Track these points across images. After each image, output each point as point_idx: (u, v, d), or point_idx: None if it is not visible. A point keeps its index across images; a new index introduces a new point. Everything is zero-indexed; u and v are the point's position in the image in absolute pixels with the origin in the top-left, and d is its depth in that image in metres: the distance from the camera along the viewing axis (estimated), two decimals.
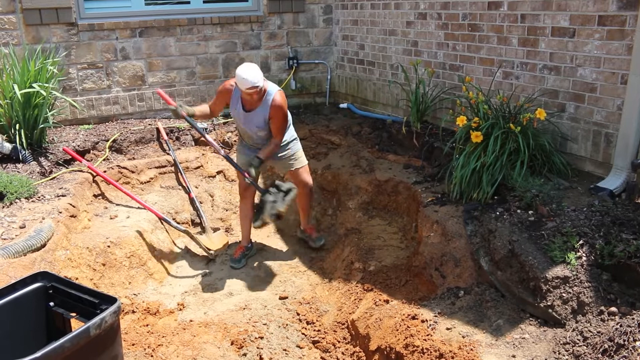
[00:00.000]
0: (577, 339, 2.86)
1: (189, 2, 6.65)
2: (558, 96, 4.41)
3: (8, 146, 5.13)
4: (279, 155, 4.72)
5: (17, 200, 4.40)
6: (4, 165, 5.07)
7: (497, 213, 3.86)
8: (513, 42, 4.73)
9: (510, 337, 3.05)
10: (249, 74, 4.18)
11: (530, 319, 3.16)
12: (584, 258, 3.16)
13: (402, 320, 3.42)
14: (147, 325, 3.87)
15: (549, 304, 3.08)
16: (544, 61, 4.48)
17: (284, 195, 4.54)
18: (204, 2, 6.70)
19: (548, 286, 3.10)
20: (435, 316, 3.38)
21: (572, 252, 3.20)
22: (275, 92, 4.44)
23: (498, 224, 3.70)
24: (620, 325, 2.74)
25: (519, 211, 3.78)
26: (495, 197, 4.10)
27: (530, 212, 3.73)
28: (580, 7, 4.11)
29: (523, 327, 3.11)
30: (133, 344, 3.55)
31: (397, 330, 3.36)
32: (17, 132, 5.13)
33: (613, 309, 2.91)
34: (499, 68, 4.89)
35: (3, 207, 4.30)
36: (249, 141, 4.73)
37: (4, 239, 3.79)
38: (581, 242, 3.25)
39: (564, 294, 3.05)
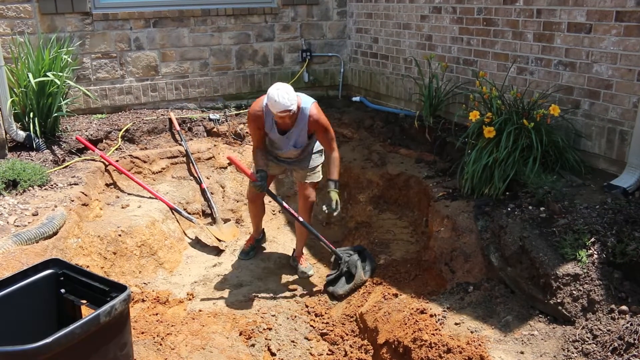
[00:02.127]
0: (587, 337, 2.84)
1: None
2: (573, 92, 4.37)
3: (22, 134, 5.18)
4: (310, 164, 4.47)
5: (30, 187, 4.44)
6: (17, 153, 5.11)
7: (509, 209, 3.84)
8: (528, 37, 4.68)
9: (519, 334, 3.04)
10: (282, 96, 3.84)
11: (540, 315, 3.14)
12: (596, 256, 3.13)
13: (411, 314, 3.42)
14: (156, 314, 3.89)
15: (558, 301, 3.06)
16: (559, 57, 4.43)
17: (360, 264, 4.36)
18: None
19: (558, 283, 3.08)
20: (444, 311, 3.38)
21: (583, 249, 3.18)
22: (309, 107, 4.14)
23: (509, 220, 3.68)
24: (631, 324, 2.72)
25: (530, 207, 3.76)
26: (507, 193, 4.07)
27: (541, 208, 3.70)
28: (597, 3, 4.06)
29: (532, 323, 3.10)
30: (142, 332, 3.58)
31: (406, 324, 3.36)
32: (31, 120, 5.17)
33: (624, 307, 2.89)
34: (513, 63, 4.85)
35: (16, 194, 4.34)
36: (282, 156, 4.48)
37: (17, 226, 3.82)
38: (593, 239, 3.23)
39: (574, 292, 3.03)
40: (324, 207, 4.31)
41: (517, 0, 4.73)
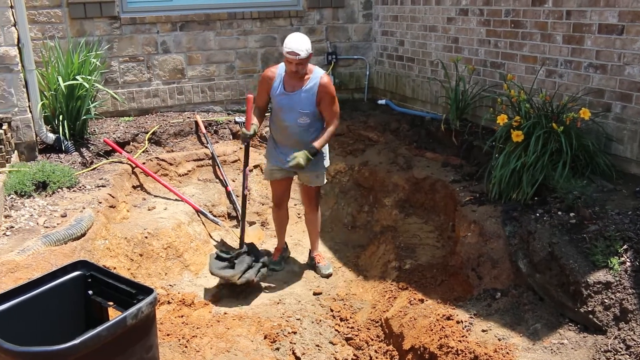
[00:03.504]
0: (620, 347, 2.77)
1: None
2: (604, 95, 4.28)
3: (52, 136, 5.26)
4: (314, 166, 4.44)
5: (59, 189, 4.51)
6: (47, 155, 5.19)
7: (537, 214, 3.77)
8: (557, 39, 4.60)
9: (548, 342, 2.98)
10: (296, 40, 4.08)
11: (570, 324, 3.08)
12: (628, 263, 3.06)
13: (437, 320, 3.38)
14: (182, 316, 3.91)
15: (589, 309, 2.99)
16: (589, 59, 4.35)
17: (262, 265, 4.46)
18: None
19: (589, 291, 3.02)
20: (471, 317, 3.33)
21: (615, 256, 3.10)
22: (322, 74, 4.31)
23: (538, 226, 3.62)
24: None
25: (559, 213, 3.69)
26: (535, 198, 4.00)
27: (571, 214, 3.63)
28: (630, 3, 3.97)
29: (562, 332, 3.04)
30: (168, 334, 3.60)
31: (432, 330, 3.32)
32: (60, 123, 5.25)
33: None
34: (542, 66, 4.77)
35: (46, 195, 4.41)
36: (284, 137, 4.46)
37: (46, 227, 3.88)
38: (625, 246, 3.15)
39: (605, 300, 2.96)
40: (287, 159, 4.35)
41: (546, 1, 4.66)
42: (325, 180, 4.68)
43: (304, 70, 4.22)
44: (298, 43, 4.06)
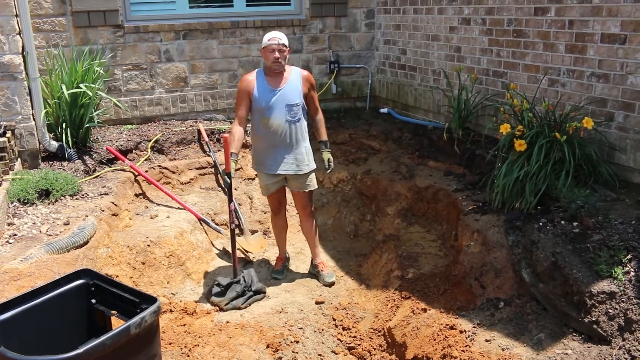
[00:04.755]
0: (624, 358, 2.76)
1: (232, 5, 6.71)
2: (606, 105, 4.29)
3: (55, 144, 5.27)
4: (303, 171, 4.49)
5: (62, 197, 4.51)
6: (50, 162, 5.20)
7: (540, 224, 3.76)
8: (560, 48, 4.62)
9: (552, 352, 2.97)
10: (273, 32, 4.38)
11: (574, 334, 3.06)
12: (632, 273, 3.05)
13: (440, 329, 3.36)
14: (184, 325, 3.91)
15: (593, 319, 2.98)
16: (592, 68, 4.36)
17: (252, 294, 4.43)
18: (246, 5, 6.76)
19: (593, 301, 3.01)
20: (474, 327, 3.32)
21: (619, 266, 3.09)
22: (299, 69, 4.54)
23: (541, 235, 3.61)
24: None
25: (563, 222, 3.68)
26: (539, 207, 4.00)
27: (574, 223, 3.62)
28: (633, 13, 3.98)
29: (566, 342, 3.02)
30: (170, 343, 3.59)
31: (435, 339, 3.31)
32: (63, 130, 5.27)
33: None
34: (544, 75, 4.78)
35: (49, 203, 4.41)
36: (273, 140, 4.39)
37: (49, 235, 3.88)
38: (629, 256, 3.14)
39: (610, 310, 2.95)
40: (325, 166, 4.66)
41: (549, 11, 4.67)
42: (316, 185, 4.72)
43: (285, 61, 4.36)
44: (278, 34, 4.34)
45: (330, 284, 4.67)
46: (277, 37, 4.29)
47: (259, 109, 4.38)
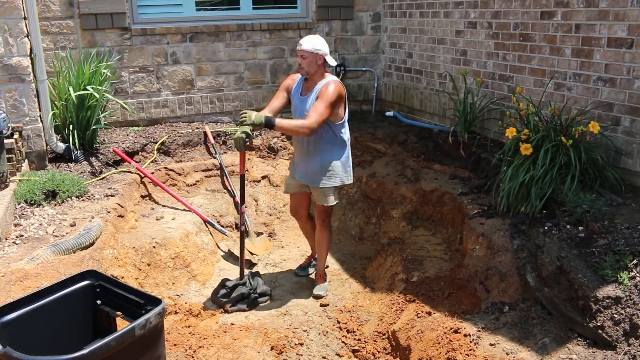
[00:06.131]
0: None
1: (238, 8, 6.74)
2: (613, 109, 4.28)
3: (62, 146, 5.30)
4: (315, 184, 4.35)
5: (68, 198, 4.54)
6: (57, 164, 5.23)
7: (546, 228, 3.76)
8: (566, 52, 4.61)
9: (556, 357, 2.96)
10: (307, 36, 4.17)
11: (579, 339, 3.05)
12: (638, 278, 3.04)
13: (445, 333, 3.36)
14: (189, 326, 3.92)
15: (598, 324, 2.97)
16: (598, 73, 4.35)
17: (257, 297, 4.41)
18: (253, 8, 6.78)
19: (598, 306, 3.00)
20: (479, 331, 3.31)
21: (625, 271, 3.08)
22: (332, 79, 4.19)
23: (546, 239, 3.60)
24: None
25: (568, 227, 3.67)
26: (544, 212, 3.99)
27: (580, 228, 3.62)
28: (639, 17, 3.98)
29: (570, 347, 3.01)
30: (175, 345, 3.60)
31: (439, 343, 3.30)
32: (70, 132, 5.29)
33: None
34: (550, 79, 4.78)
35: (55, 205, 4.44)
36: (297, 144, 4.43)
37: (56, 236, 3.90)
38: (635, 261, 3.13)
39: (615, 315, 2.94)
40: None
41: (555, 15, 4.67)
42: (335, 202, 4.44)
43: (309, 68, 4.13)
44: (307, 39, 4.13)
45: (316, 297, 4.56)
46: (301, 42, 4.12)
47: (292, 110, 4.42)
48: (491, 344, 3.16)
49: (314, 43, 4.09)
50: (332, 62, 4.23)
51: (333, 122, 4.24)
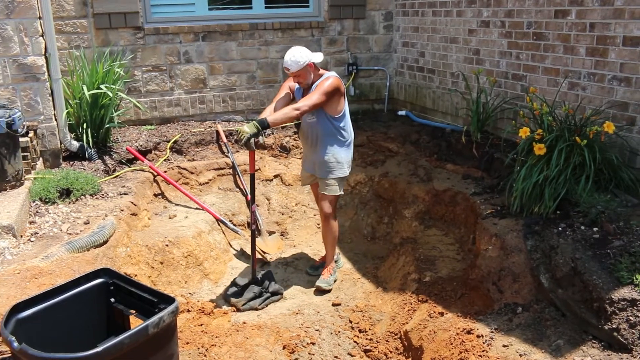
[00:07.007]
0: None
1: (251, 7, 6.75)
2: (628, 108, 4.24)
3: (76, 144, 5.34)
4: (320, 175, 4.56)
5: (82, 196, 4.57)
6: (71, 162, 5.27)
7: (560, 229, 3.73)
8: (580, 51, 4.57)
9: (570, 359, 2.94)
10: (288, 54, 4.23)
11: (593, 341, 3.03)
12: None
13: (457, 334, 3.35)
14: (201, 324, 3.93)
15: (614, 327, 2.94)
16: (613, 72, 4.31)
17: (269, 296, 4.44)
18: (265, 7, 6.79)
19: (614, 308, 2.97)
20: (492, 332, 3.30)
21: None
22: (330, 75, 4.34)
23: (560, 240, 3.58)
24: None
25: (582, 228, 3.64)
26: (558, 212, 3.96)
27: (595, 229, 3.58)
28: None
29: (585, 349, 2.99)
30: (187, 343, 3.62)
31: (452, 344, 3.29)
32: (84, 131, 5.33)
33: None
34: (564, 78, 4.74)
35: (69, 202, 4.47)
36: (303, 139, 4.67)
37: (70, 234, 3.93)
38: None
39: (631, 317, 2.92)
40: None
41: (569, 14, 4.63)
42: (339, 192, 4.57)
43: (306, 81, 4.35)
44: (288, 56, 4.21)
45: (317, 288, 4.62)
46: (286, 65, 4.22)
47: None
48: (504, 345, 3.14)
49: (297, 59, 4.20)
50: (319, 58, 4.35)
51: (332, 117, 4.41)
